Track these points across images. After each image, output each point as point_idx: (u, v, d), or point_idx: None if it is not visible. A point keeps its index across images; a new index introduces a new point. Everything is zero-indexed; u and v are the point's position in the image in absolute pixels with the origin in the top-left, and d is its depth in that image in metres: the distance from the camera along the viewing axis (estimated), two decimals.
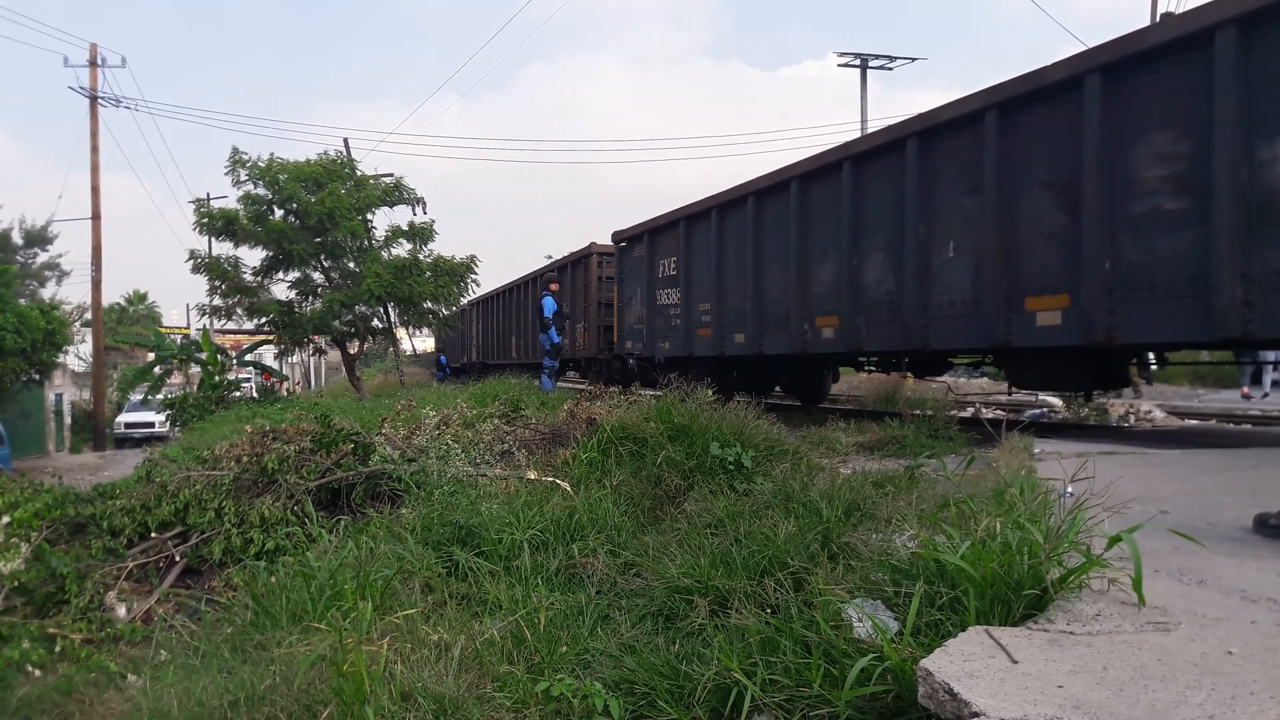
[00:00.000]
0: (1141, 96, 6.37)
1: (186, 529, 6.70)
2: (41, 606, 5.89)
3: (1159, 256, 6.25)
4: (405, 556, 4.80)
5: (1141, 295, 6.36)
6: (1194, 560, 3.25)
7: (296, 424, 8.26)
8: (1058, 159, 6.96)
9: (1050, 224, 7.03)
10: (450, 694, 3.21)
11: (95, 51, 28.75)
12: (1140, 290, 6.36)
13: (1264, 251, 5.59)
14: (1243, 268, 5.68)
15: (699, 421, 6.49)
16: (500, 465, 6.96)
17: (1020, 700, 2.08)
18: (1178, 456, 6.28)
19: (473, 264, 19.91)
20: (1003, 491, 3.84)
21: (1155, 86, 6.29)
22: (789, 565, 3.75)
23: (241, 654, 4.04)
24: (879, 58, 30.84)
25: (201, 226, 19.33)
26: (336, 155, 20.74)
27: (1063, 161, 6.91)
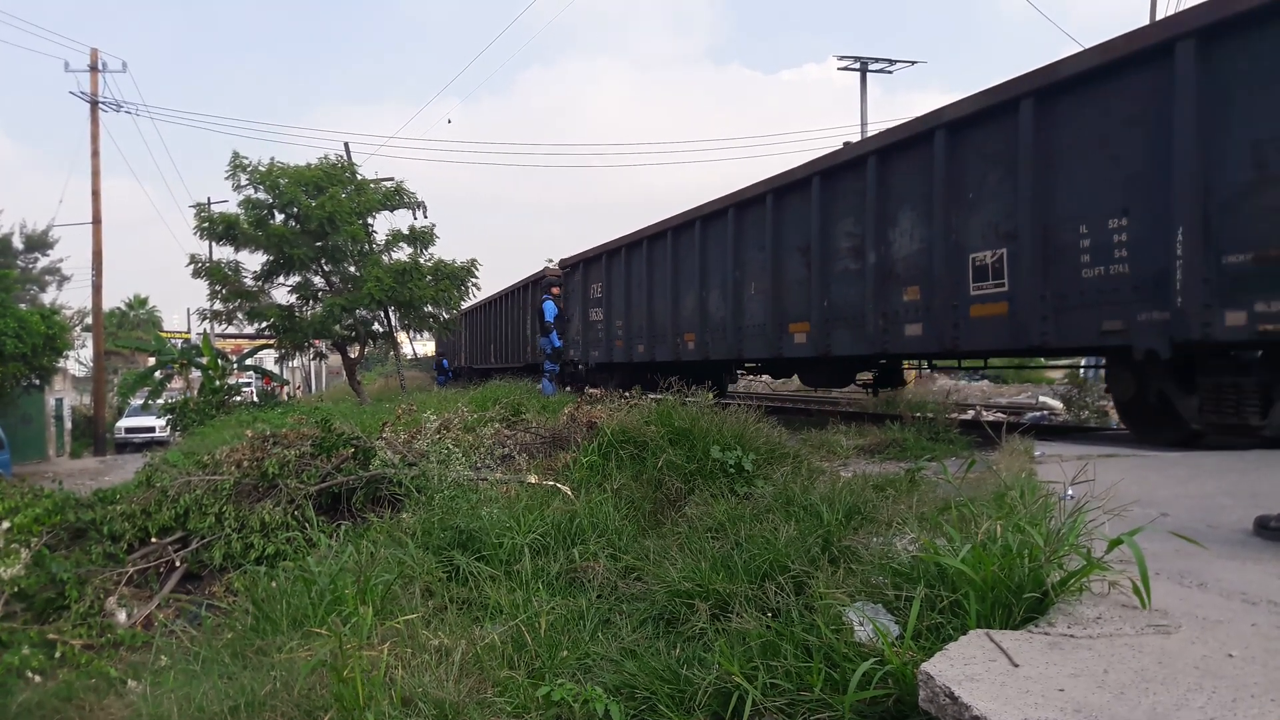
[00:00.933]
0: (839, 194, 9.72)
1: (187, 534, 6.69)
2: (42, 612, 5.89)
3: (847, 299, 9.58)
4: (406, 561, 4.80)
5: (839, 324, 9.75)
6: (1195, 563, 3.25)
7: (297, 428, 8.26)
8: (802, 231, 10.32)
9: (798, 275, 10.41)
10: (451, 699, 3.21)
11: (96, 56, 28.82)
12: (838, 321, 9.77)
13: (888, 299, 8.92)
14: (881, 308, 9.00)
15: (700, 425, 6.49)
16: (501, 469, 6.96)
17: (1021, 704, 2.08)
18: (1178, 458, 6.27)
19: (473, 268, 19.95)
20: (1003, 494, 3.84)
21: (845, 187, 9.60)
22: (790, 569, 3.74)
23: (242, 659, 4.03)
24: (879, 61, 30.91)
25: (202, 231, 19.36)
26: (337, 159, 20.79)
27: (804, 233, 10.25)
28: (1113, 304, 6.62)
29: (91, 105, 28.50)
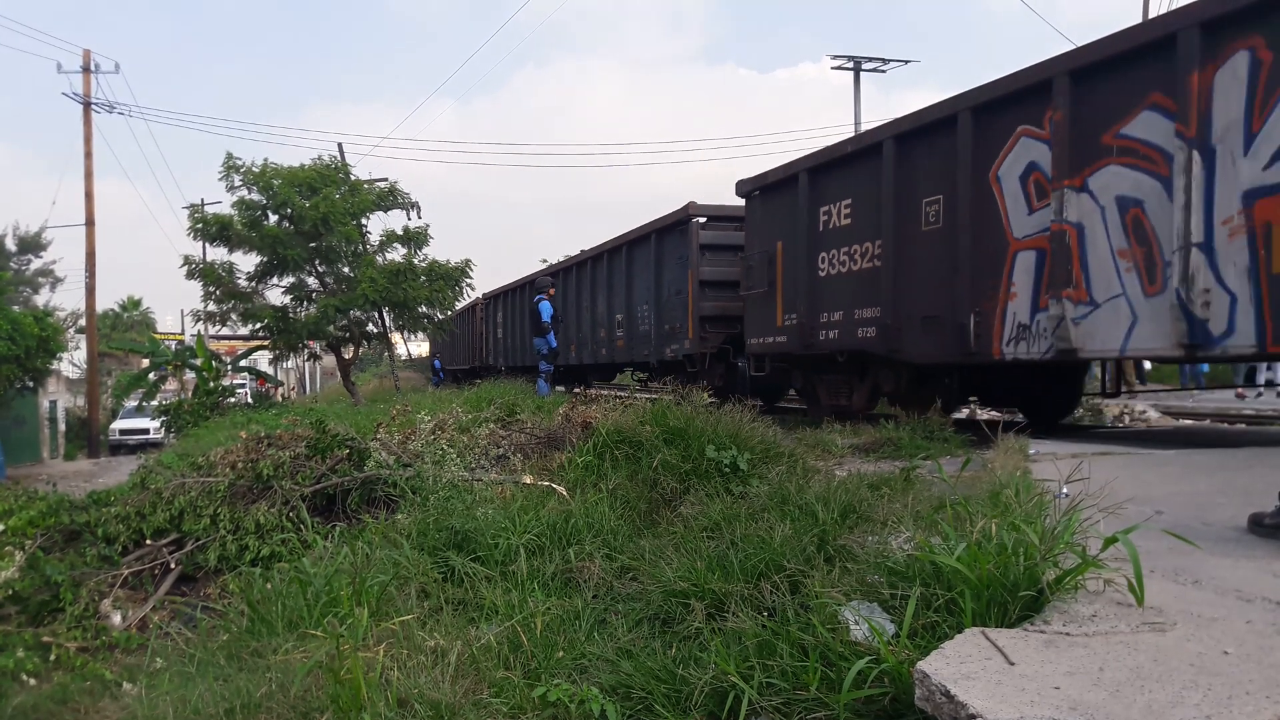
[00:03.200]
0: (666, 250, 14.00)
1: (181, 536, 6.68)
2: (36, 615, 5.87)
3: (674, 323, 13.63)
4: (401, 562, 4.79)
5: (667, 338, 13.81)
6: (1189, 560, 3.26)
7: (291, 430, 8.25)
8: (642, 276, 14.81)
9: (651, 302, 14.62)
10: (447, 700, 3.21)
11: (88, 57, 28.73)
12: (670, 339, 13.74)
13: (663, 336, 13.86)
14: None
15: (695, 424, 6.49)
16: (496, 470, 6.96)
17: (1017, 702, 2.08)
18: (1172, 457, 6.29)
19: (467, 268, 19.93)
20: (998, 493, 3.85)
21: (647, 254, 14.60)
22: (785, 568, 3.75)
23: (237, 661, 4.02)
24: (872, 60, 30.92)
25: (196, 232, 19.31)
26: (331, 160, 20.74)
27: (651, 276, 14.33)
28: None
29: (84, 106, 28.41)
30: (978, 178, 7.93)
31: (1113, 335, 6.84)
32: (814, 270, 10.15)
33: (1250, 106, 5.95)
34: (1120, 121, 6.76)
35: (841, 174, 9.74)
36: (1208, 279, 6.21)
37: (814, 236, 10.15)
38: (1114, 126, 6.83)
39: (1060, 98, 7.13)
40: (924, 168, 8.59)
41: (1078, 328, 7.04)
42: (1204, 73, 6.17)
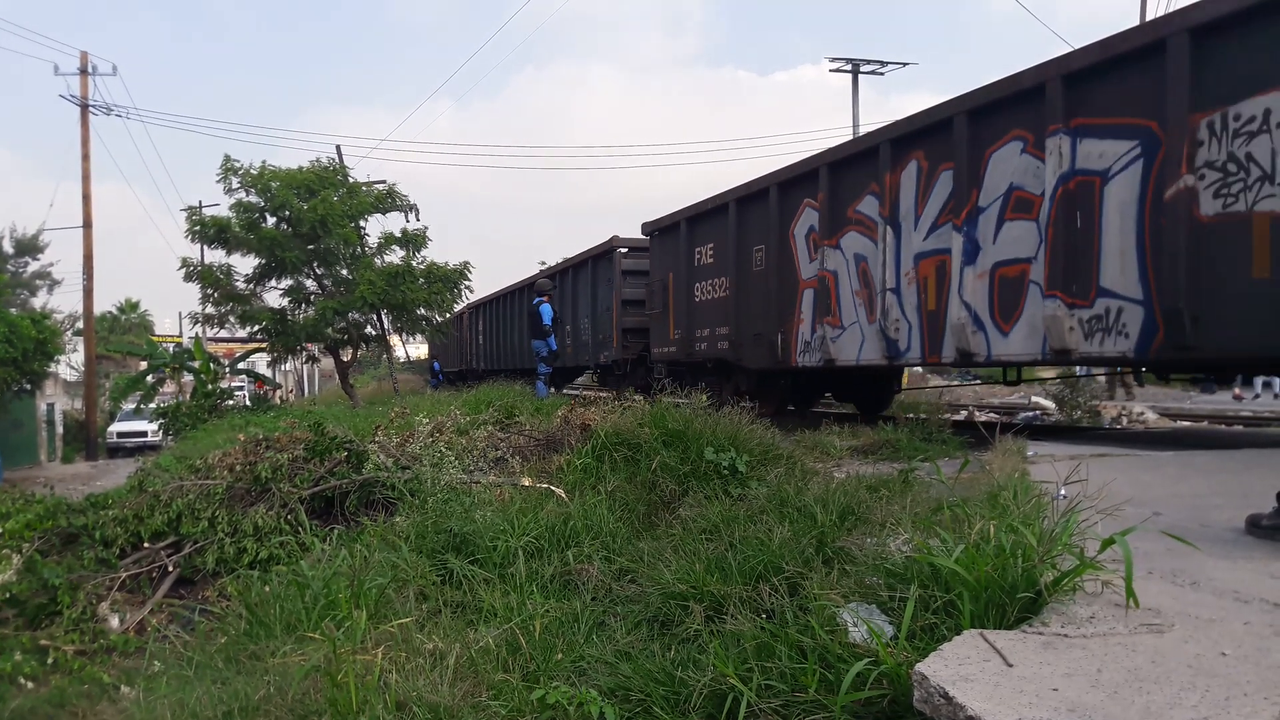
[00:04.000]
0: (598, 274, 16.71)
1: (179, 539, 6.67)
2: (34, 618, 5.86)
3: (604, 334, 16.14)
4: (399, 565, 4.79)
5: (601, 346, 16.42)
6: (1187, 562, 3.26)
7: (289, 432, 8.23)
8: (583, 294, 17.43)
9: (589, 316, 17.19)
10: (445, 703, 3.20)
11: (86, 59, 28.71)
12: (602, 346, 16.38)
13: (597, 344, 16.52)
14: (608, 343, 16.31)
15: (693, 427, 6.49)
16: (494, 472, 6.96)
17: (1015, 704, 2.08)
18: (1170, 458, 6.30)
19: (466, 271, 19.94)
20: (996, 495, 3.85)
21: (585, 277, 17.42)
22: (784, 570, 3.75)
23: (235, 664, 4.02)
24: (870, 63, 30.96)
25: (194, 234, 19.31)
26: (329, 162, 20.76)
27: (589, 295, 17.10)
28: None
29: (82, 109, 28.39)
30: (782, 234, 10.96)
31: (852, 350, 9.78)
32: (691, 297, 13.07)
33: (917, 197, 8.82)
34: (855, 201, 9.70)
35: (707, 224, 12.73)
36: (897, 312, 9.05)
37: (691, 270, 13.08)
38: (852, 204, 9.77)
39: (824, 182, 10.13)
40: (754, 224, 11.53)
41: (834, 344, 10.01)
42: (894, 173, 9.08)
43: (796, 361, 10.60)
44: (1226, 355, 6.68)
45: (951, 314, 8.35)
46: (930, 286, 8.68)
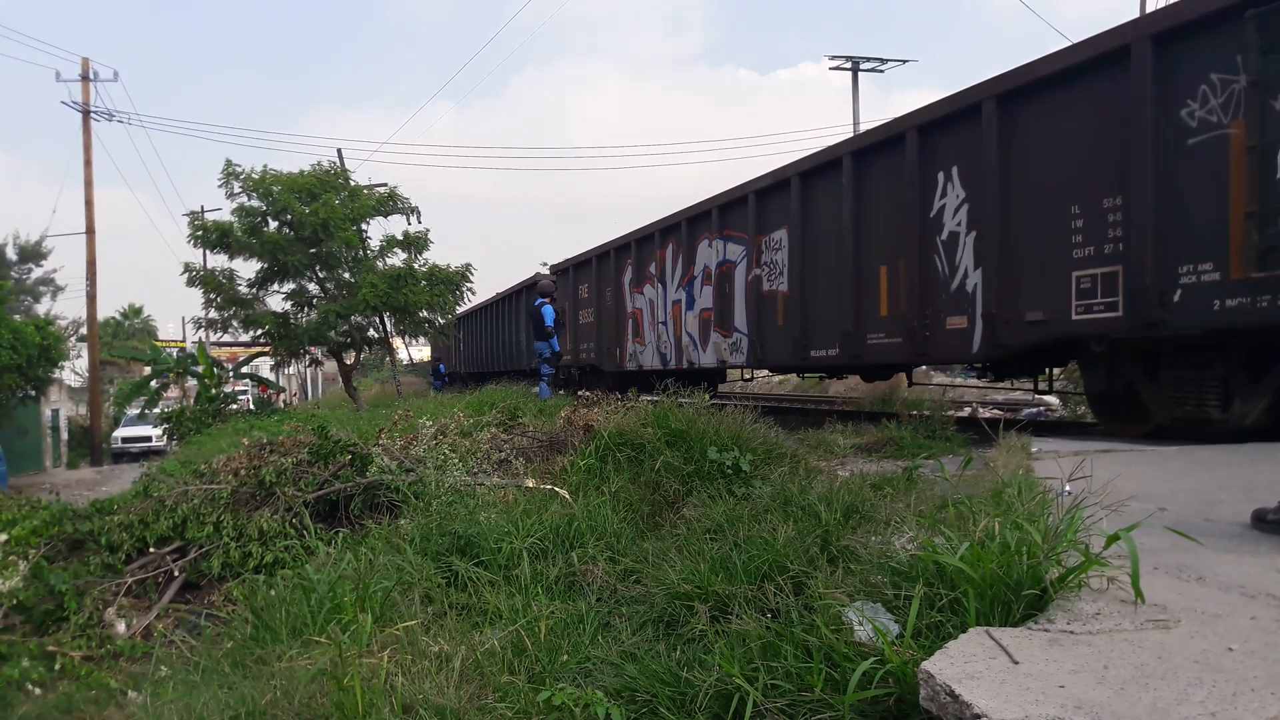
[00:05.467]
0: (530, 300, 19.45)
1: (185, 543, 6.68)
2: (40, 624, 5.87)
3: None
4: (404, 567, 4.79)
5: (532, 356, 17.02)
6: (1193, 557, 3.25)
7: (293, 436, 8.24)
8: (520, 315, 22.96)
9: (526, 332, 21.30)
10: (452, 705, 3.20)
11: (87, 66, 28.77)
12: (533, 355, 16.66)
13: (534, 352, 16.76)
14: None
15: (696, 426, 6.49)
16: (498, 474, 6.96)
17: (1022, 701, 2.08)
18: (1174, 453, 6.28)
19: (468, 272, 19.95)
20: (1000, 491, 3.85)
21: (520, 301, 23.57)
22: (789, 569, 3.74)
23: (242, 668, 4.02)
24: (870, 60, 30.93)
25: (196, 239, 19.34)
26: (330, 166, 20.79)
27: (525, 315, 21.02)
28: None
29: (84, 115, 28.46)
30: (617, 282, 16.88)
31: (648, 360, 15.58)
32: (577, 320, 18.94)
33: (670, 267, 14.55)
34: (648, 265, 15.51)
35: (583, 269, 18.64)
36: (666, 337, 14.82)
37: (575, 301, 19.05)
38: (646, 266, 15.57)
39: (633, 251, 16.12)
40: (605, 273, 17.38)
41: (641, 357, 15.85)
42: (661, 250, 14.89)
43: (626, 367, 16.59)
44: (773, 365, 12.96)
45: (684, 339, 14.31)
46: (676, 322, 14.61)
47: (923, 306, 8.91)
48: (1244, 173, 5.99)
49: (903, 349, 9.23)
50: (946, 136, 8.61)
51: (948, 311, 8.62)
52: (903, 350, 9.26)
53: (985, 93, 8.03)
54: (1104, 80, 7.00)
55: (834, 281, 10.29)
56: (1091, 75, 7.13)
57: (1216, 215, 6.22)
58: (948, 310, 8.62)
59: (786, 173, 11.17)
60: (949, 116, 8.53)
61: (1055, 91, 7.47)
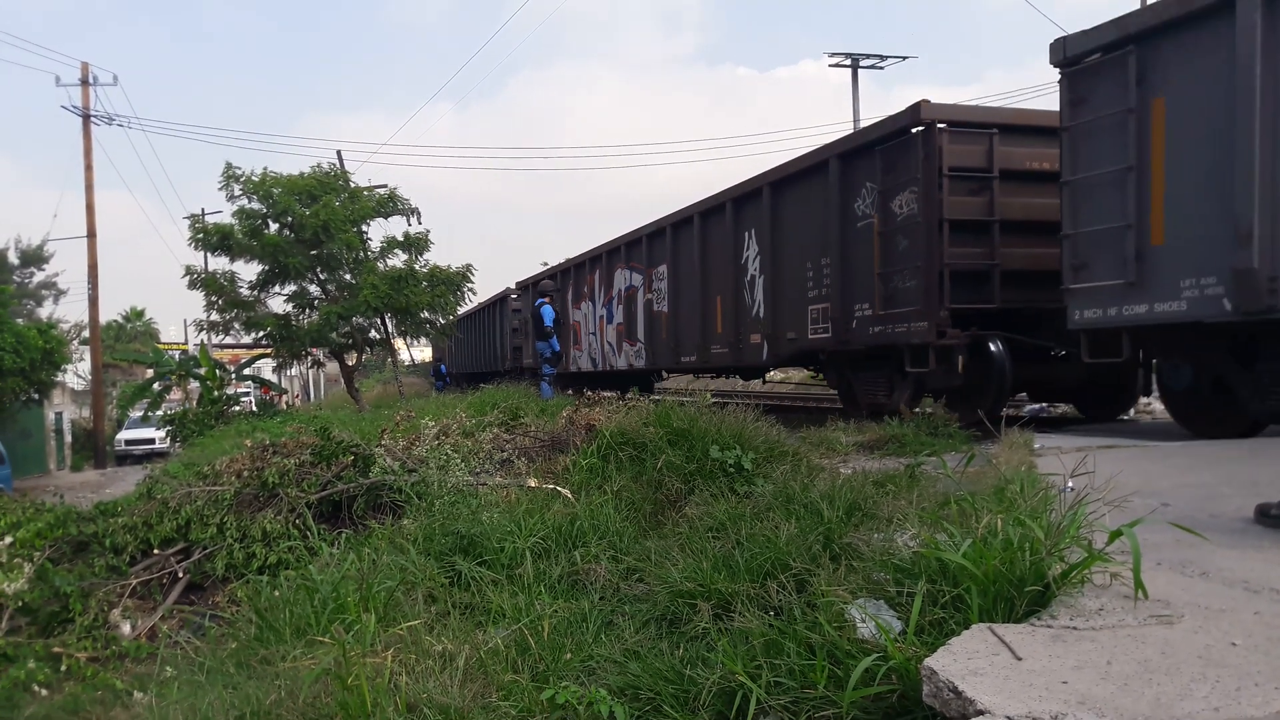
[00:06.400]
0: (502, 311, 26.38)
1: (189, 545, 6.68)
2: (46, 626, 5.88)
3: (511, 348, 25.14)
4: (407, 567, 4.80)
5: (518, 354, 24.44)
6: (1196, 552, 3.26)
7: (296, 437, 8.24)
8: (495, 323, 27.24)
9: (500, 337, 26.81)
10: (456, 704, 3.21)
11: (87, 70, 28.76)
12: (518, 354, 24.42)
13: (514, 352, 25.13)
14: None
15: (698, 425, 6.49)
16: (500, 474, 6.96)
17: (1025, 697, 2.08)
18: (1178, 449, 6.28)
19: (469, 273, 19.95)
20: (1003, 488, 3.85)
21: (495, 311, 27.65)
22: (791, 567, 3.75)
23: (246, 669, 4.03)
24: (870, 57, 30.88)
25: (197, 242, 19.35)
26: (330, 168, 20.79)
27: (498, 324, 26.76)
28: None
29: (84, 119, 28.45)
30: (563, 297, 19.21)
31: (585, 363, 18.91)
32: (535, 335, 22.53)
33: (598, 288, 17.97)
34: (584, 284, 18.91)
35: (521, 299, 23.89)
36: (596, 345, 18.25)
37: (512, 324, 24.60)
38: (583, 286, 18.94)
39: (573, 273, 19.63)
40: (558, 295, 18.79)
41: (580, 360, 19.18)
42: (591, 275, 18.43)
43: (570, 369, 19.25)
44: (660, 367, 16.17)
45: (606, 348, 17.57)
46: (601, 333, 17.89)
47: (738, 327, 12.41)
48: (878, 247, 9.33)
49: (729, 356, 12.84)
50: (748, 207, 12.07)
51: (750, 331, 12.14)
52: (729, 357, 12.86)
53: (764, 180, 11.53)
54: (819, 179, 10.37)
55: (693, 306, 13.70)
56: (813, 175, 10.55)
57: (869, 273, 9.51)
58: (750, 330, 12.14)
59: (664, 223, 14.72)
60: (749, 193, 11.98)
61: (799, 183, 10.93)
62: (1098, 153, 7.19)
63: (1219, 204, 6.25)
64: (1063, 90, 7.51)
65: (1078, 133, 7.38)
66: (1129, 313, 6.90)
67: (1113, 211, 7.03)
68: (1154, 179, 6.75)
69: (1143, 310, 6.80)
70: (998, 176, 8.69)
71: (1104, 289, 7.09)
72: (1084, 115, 7.31)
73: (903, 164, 8.91)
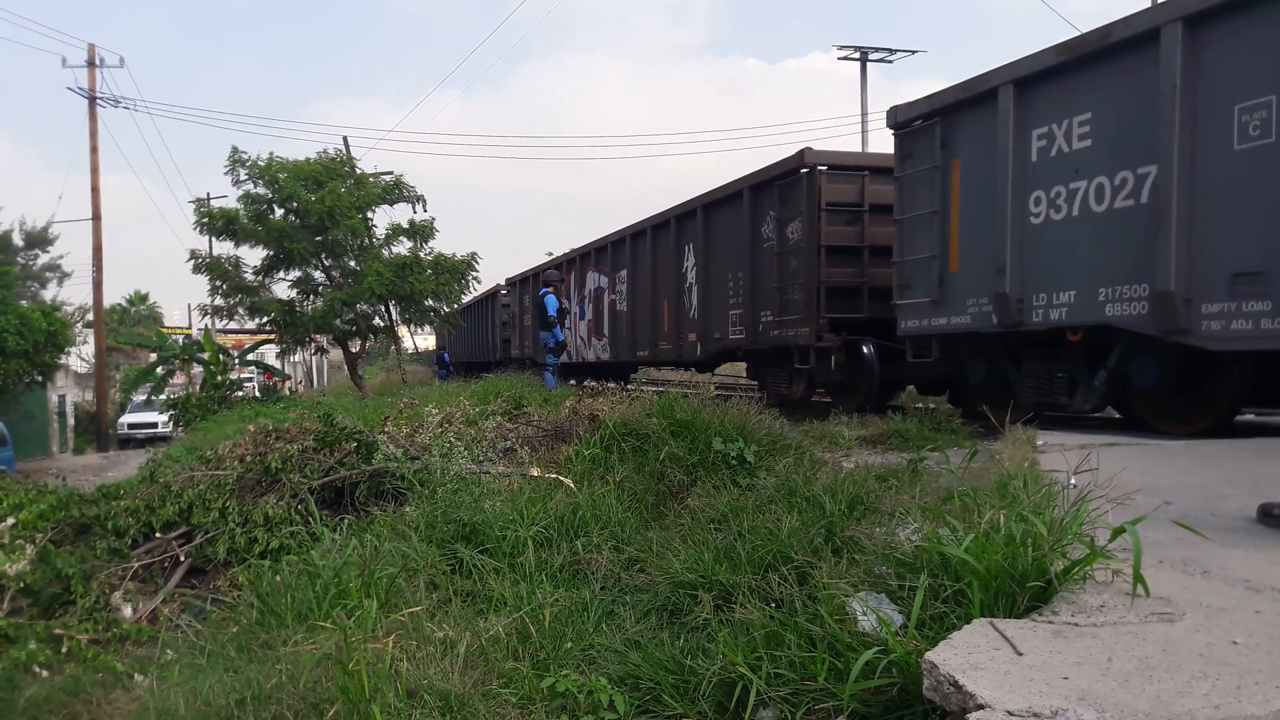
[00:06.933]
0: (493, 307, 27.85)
1: (191, 529, 6.70)
2: (47, 607, 5.90)
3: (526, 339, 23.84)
4: (409, 554, 4.81)
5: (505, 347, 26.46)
6: (1198, 551, 3.25)
7: (299, 423, 8.26)
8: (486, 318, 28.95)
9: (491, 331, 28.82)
10: (456, 691, 3.22)
11: (93, 52, 28.74)
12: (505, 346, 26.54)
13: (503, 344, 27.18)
14: None
15: (701, 417, 6.49)
16: (503, 462, 6.97)
17: (1025, 692, 2.08)
18: (1181, 447, 6.27)
19: (474, 261, 19.93)
20: (1006, 484, 3.85)
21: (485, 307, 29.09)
22: (793, 559, 3.75)
23: (247, 653, 4.04)
24: (879, 50, 30.75)
25: (202, 226, 19.32)
26: (336, 153, 20.74)
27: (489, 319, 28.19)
28: None
29: (90, 101, 28.44)
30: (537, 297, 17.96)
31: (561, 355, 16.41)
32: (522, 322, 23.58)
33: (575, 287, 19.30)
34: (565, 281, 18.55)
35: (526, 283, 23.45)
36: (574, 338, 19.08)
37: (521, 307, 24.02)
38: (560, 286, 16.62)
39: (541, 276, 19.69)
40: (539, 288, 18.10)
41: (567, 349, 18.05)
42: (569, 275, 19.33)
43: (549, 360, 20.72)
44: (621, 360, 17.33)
45: (578, 341, 19.15)
46: (576, 328, 19.18)
47: (679, 327, 14.34)
48: (777, 265, 11.25)
49: (673, 352, 14.82)
50: (687, 224, 14.04)
51: (688, 331, 14.08)
52: (673, 353, 14.87)
53: (699, 202, 13.53)
54: (737, 205, 12.31)
55: (647, 308, 15.54)
56: (733, 201, 12.47)
57: (771, 286, 11.39)
58: (688, 330, 14.08)
59: (625, 233, 16.50)
60: (688, 213, 13.92)
61: (724, 207, 12.88)
62: (917, 198, 9.09)
63: (990, 243, 8.09)
64: (895, 147, 9.40)
65: (905, 181, 9.27)
66: (935, 324, 8.87)
67: (926, 244, 8.93)
68: (953, 221, 8.68)
69: (943, 322, 8.76)
70: (868, 210, 10.66)
71: (919, 304, 9.04)
72: (908, 168, 9.21)
73: (793, 199, 10.96)
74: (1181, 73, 6.40)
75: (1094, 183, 7.20)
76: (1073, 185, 7.39)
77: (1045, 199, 7.63)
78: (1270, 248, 6.00)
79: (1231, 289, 6.25)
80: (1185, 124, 6.44)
